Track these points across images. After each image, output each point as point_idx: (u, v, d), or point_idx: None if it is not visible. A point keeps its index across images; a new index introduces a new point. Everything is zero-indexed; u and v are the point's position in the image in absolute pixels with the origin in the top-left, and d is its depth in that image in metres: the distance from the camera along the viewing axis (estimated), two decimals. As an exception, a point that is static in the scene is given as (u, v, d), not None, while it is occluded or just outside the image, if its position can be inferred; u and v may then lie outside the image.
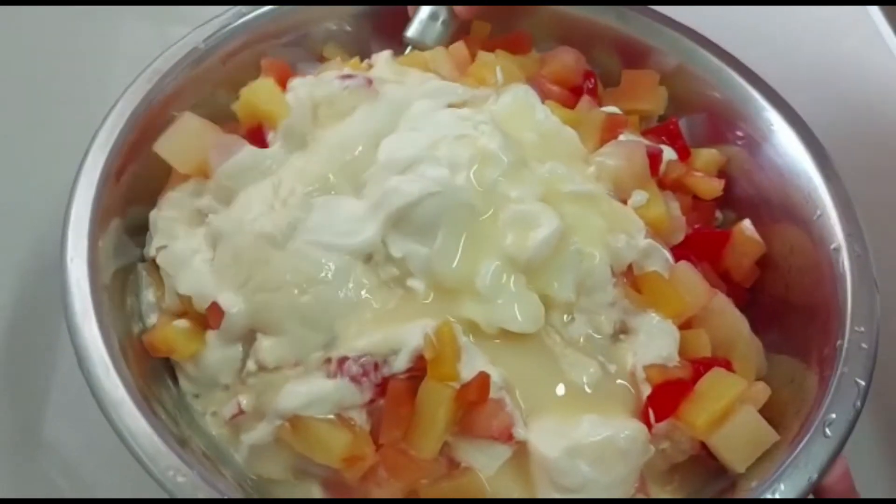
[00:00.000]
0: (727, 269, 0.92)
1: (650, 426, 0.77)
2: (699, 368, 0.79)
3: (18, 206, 1.00)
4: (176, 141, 0.86)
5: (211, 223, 0.83)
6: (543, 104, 0.92)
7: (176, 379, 0.84)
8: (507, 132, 0.85)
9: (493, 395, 0.74)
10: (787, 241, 0.91)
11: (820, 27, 1.27)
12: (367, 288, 0.78)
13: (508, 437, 0.75)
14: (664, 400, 0.77)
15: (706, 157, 0.98)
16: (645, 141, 0.94)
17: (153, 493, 0.70)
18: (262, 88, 0.88)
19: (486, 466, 0.75)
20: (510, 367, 0.77)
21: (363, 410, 0.75)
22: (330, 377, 0.75)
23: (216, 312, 0.80)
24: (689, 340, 0.82)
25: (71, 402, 0.89)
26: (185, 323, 0.82)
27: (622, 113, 0.96)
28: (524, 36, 1.03)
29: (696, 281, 0.85)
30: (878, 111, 1.19)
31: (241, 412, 0.79)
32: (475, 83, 0.93)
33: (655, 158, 0.91)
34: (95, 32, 1.17)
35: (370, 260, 0.79)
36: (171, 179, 0.88)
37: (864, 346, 0.78)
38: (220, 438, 0.82)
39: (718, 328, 0.85)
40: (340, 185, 0.82)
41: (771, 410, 0.78)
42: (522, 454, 0.76)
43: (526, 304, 0.78)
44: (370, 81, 0.88)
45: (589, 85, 1.00)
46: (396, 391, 0.74)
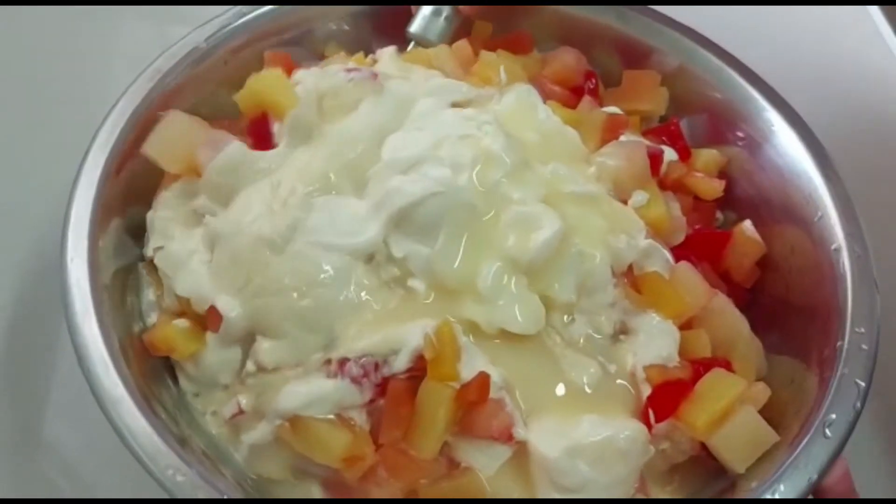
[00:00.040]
0: (727, 269, 0.92)
1: (650, 426, 0.77)
2: (699, 369, 0.79)
3: (18, 206, 1.00)
4: (163, 140, 0.84)
5: (208, 225, 0.83)
6: (545, 104, 0.92)
7: (176, 378, 0.84)
8: (510, 132, 0.85)
9: (492, 395, 0.74)
10: (787, 241, 0.91)
11: (820, 27, 1.27)
12: (367, 289, 0.78)
13: (508, 437, 0.75)
14: (664, 400, 0.77)
15: (707, 157, 0.98)
16: (646, 141, 0.94)
17: (153, 493, 0.70)
18: (270, 78, 0.87)
19: (485, 466, 0.75)
20: (510, 367, 0.77)
21: (363, 410, 0.75)
22: (330, 377, 0.75)
23: (215, 316, 0.79)
24: (689, 341, 0.82)
25: (71, 401, 0.89)
26: (184, 322, 0.82)
27: (623, 113, 0.96)
28: (525, 36, 1.02)
29: (696, 281, 0.85)
30: (878, 111, 1.19)
31: (240, 412, 0.79)
32: (479, 82, 0.93)
33: (656, 159, 0.91)
34: (95, 32, 1.17)
35: (371, 260, 0.79)
36: (164, 179, 0.87)
37: (864, 346, 0.78)
38: (219, 438, 0.82)
39: (718, 328, 0.85)
40: (342, 184, 0.81)
41: (771, 411, 0.78)
42: (522, 454, 0.76)
43: (526, 305, 0.78)
44: (375, 75, 0.88)
45: (590, 85, 1.00)
46: (396, 391, 0.74)
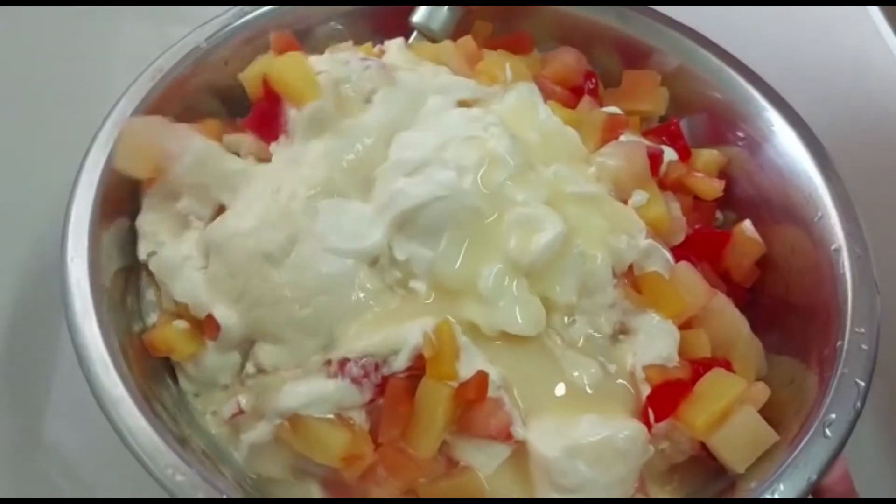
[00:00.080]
0: (727, 269, 0.92)
1: (650, 426, 0.77)
2: (699, 369, 0.79)
3: (18, 206, 1.00)
4: (127, 150, 0.82)
5: (204, 233, 0.81)
6: (545, 104, 0.92)
7: (176, 378, 0.84)
8: (514, 134, 0.85)
9: (491, 393, 0.74)
10: (787, 241, 0.91)
11: (820, 27, 1.27)
12: (370, 291, 0.78)
13: (507, 436, 0.75)
14: (664, 400, 0.77)
15: (707, 157, 0.98)
16: (645, 141, 0.94)
17: (153, 493, 0.70)
18: (291, 62, 0.85)
19: (484, 465, 0.75)
20: (509, 366, 0.77)
21: (362, 410, 0.75)
22: (330, 378, 0.75)
23: (213, 324, 0.79)
24: (688, 341, 0.82)
25: (71, 402, 0.89)
26: (184, 324, 0.82)
27: (623, 113, 0.96)
28: (525, 36, 1.02)
29: (696, 281, 0.85)
30: (878, 111, 1.19)
31: (240, 412, 0.79)
32: (486, 80, 0.93)
33: (656, 159, 0.91)
34: (95, 32, 1.17)
35: (376, 263, 0.79)
36: (143, 185, 0.85)
37: (864, 346, 0.78)
38: (219, 437, 0.82)
39: (718, 328, 0.85)
40: (346, 186, 0.81)
41: (771, 411, 0.78)
42: (522, 454, 0.76)
43: (527, 307, 0.78)
44: (386, 67, 0.88)
45: (590, 85, 1.00)
46: (395, 390, 0.74)
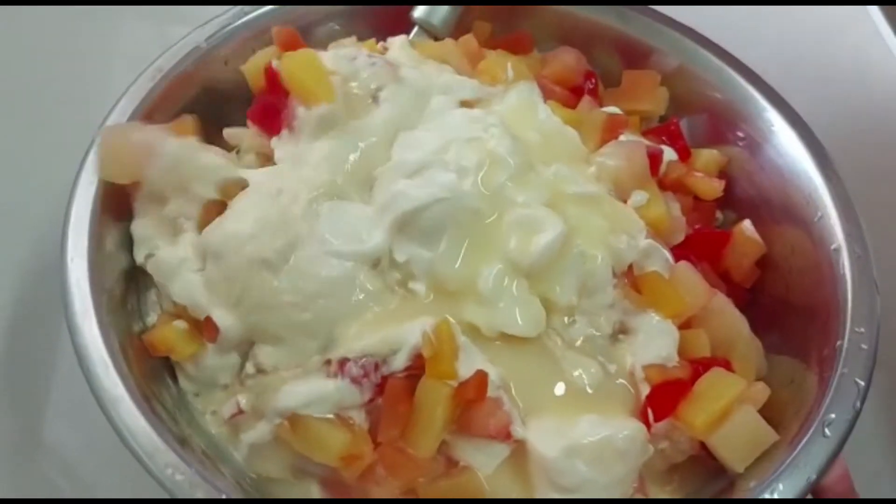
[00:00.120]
0: (727, 269, 0.92)
1: (649, 426, 0.77)
2: (698, 368, 0.79)
3: (18, 206, 1.00)
4: (107, 159, 0.81)
5: (201, 238, 0.81)
6: (545, 104, 0.93)
7: (176, 378, 0.84)
8: (515, 134, 0.85)
9: (490, 393, 0.74)
10: (787, 241, 0.91)
11: (820, 27, 1.27)
12: (370, 293, 0.78)
13: (506, 435, 0.75)
14: (663, 400, 0.77)
15: (707, 157, 0.98)
16: (645, 141, 0.94)
17: (153, 493, 0.70)
18: (307, 61, 0.84)
19: (484, 465, 0.75)
20: (509, 366, 0.77)
21: (362, 409, 0.75)
22: (330, 378, 0.75)
23: (211, 326, 0.79)
24: (688, 340, 0.82)
25: (71, 402, 0.89)
26: (183, 324, 0.82)
27: (623, 113, 0.96)
28: (525, 36, 1.03)
29: (695, 281, 0.85)
30: (878, 111, 1.19)
31: (240, 412, 0.79)
32: (488, 80, 0.93)
33: (655, 159, 0.91)
34: (95, 32, 1.17)
35: (377, 265, 0.79)
36: (131, 189, 0.84)
37: (863, 346, 0.78)
38: (219, 437, 0.82)
39: (718, 328, 0.85)
40: (348, 188, 0.81)
41: (771, 411, 0.78)
42: (521, 453, 0.76)
43: (527, 308, 0.78)
44: (392, 64, 0.87)
45: (590, 85, 1.00)
46: (395, 390, 0.74)
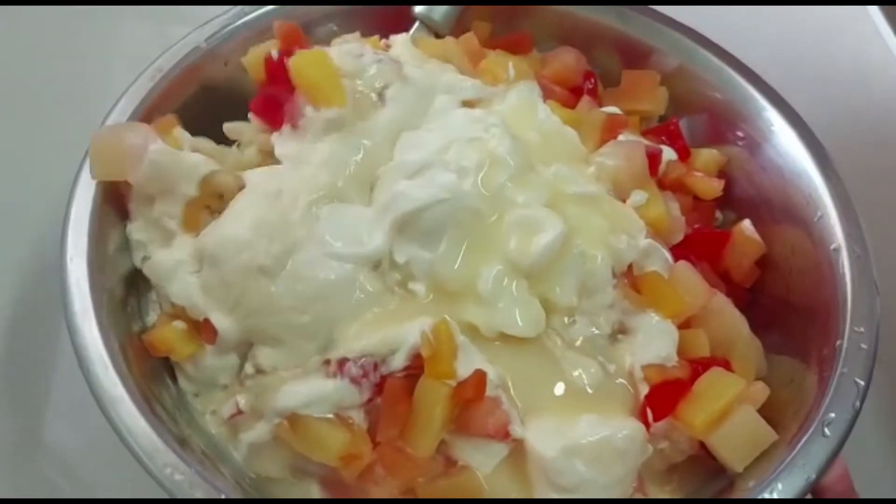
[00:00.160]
0: (727, 269, 0.92)
1: (648, 426, 0.77)
2: (698, 368, 0.79)
3: (18, 206, 1.00)
4: (96, 159, 0.81)
5: (197, 242, 0.80)
6: (544, 104, 0.93)
7: (176, 378, 0.84)
8: (516, 134, 0.85)
9: (489, 392, 0.74)
10: (787, 241, 0.91)
11: (820, 27, 1.27)
12: (370, 294, 0.78)
13: (505, 434, 0.75)
14: (662, 399, 0.77)
15: (706, 157, 0.98)
16: (644, 141, 0.94)
17: (153, 493, 0.70)
18: (320, 62, 0.84)
19: (483, 465, 0.75)
20: (508, 366, 0.77)
21: (361, 409, 0.75)
22: (329, 378, 0.75)
23: (210, 328, 0.79)
24: (687, 340, 0.82)
25: (71, 402, 0.89)
26: (182, 324, 0.81)
27: (622, 113, 0.96)
28: (525, 36, 1.03)
29: (695, 281, 0.85)
30: (878, 111, 1.19)
31: (239, 412, 0.79)
32: (490, 79, 0.93)
33: (655, 158, 0.91)
34: (95, 32, 1.18)
35: (378, 267, 0.79)
36: (124, 189, 0.84)
37: (863, 346, 0.78)
38: (219, 437, 0.82)
39: (718, 328, 0.85)
40: (349, 190, 0.81)
41: (770, 410, 0.78)
42: (520, 453, 0.76)
43: (527, 308, 0.78)
44: (397, 62, 0.87)
45: (589, 85, 1.00)
46: (393, 389, 0.74)
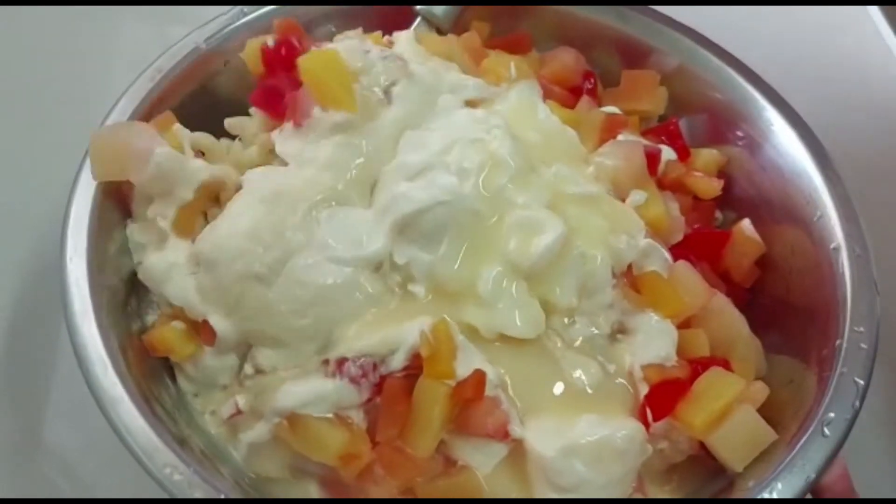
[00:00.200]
0: (727, 269, 0.92)
1: (648, 426, 0.77)
2: (697, 368, 0.79)
3: (18, 206, 1.01)
4: (97, 159, 0.80)
5: (193, 246, 0.80)
6: (544, 103, 0.92)
7: (175, 378, 0.84)
8: (517, 135, 0.85)
9: (488, 392, 0.74)
10: (787, 241, 0.91)
11: (820, 27, 1.27)
12: (371, 296, 0.78)
13: (504, 434, 0.74)
14: (662, 399, 0.77)
15: (706, 157, 0.98)
16: (644, 141, 0.94)
17: (153, 493, 0.70)
18: (332, 64, 0.83)
19: (482, 464, 0.75)
20: (507, 365, 0.77)
21: (360, 409, 0.75)
22: (328, 377, 0.75)
23: (208, 329, 0.79)
24: (687, 340, 0.82)
25: (71, 402, 0.89)
26: (182, 324, 0.81)
27: (622, 113, 0.96)
28: (524, 36, 1.03)
29: (695, 281, 0.85)
30: (878, 111, 1.19)
31: (238, 412, 0.79)
32: (493, 79, 0.93)
33: (654, 158, 0.91)
34: (95, 32, 1.18)
35: (379, 268, 0.79)
36: (127, 188, 0.84)
37: (863, 346, 0.78)
38: (218, 437, 0.82)
39: (718, 328, 0.85)
40: (351, 192, 0.81)
41: (770, 410, 0.78)
42: (519, 453, 0.76)
43: (526, 309, 0.78)
44: (403, 59, 0.87)
45: (588, 85, 1.00)
46: (393, 389, 0.74)
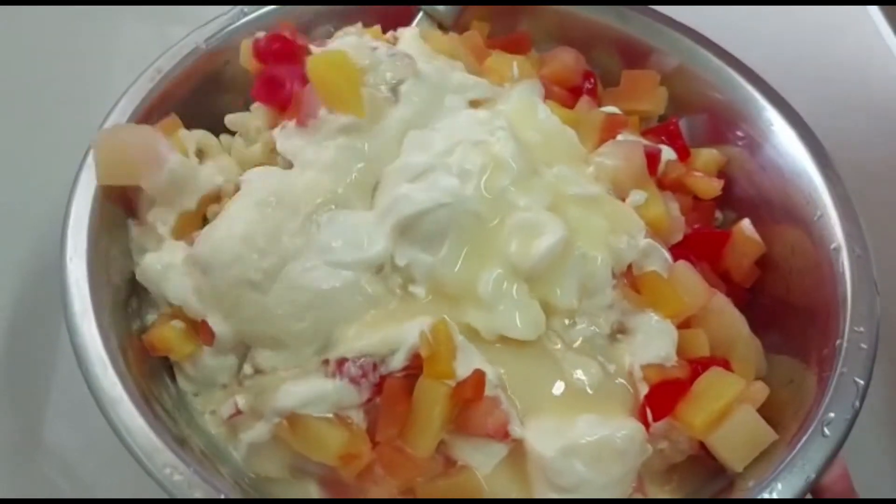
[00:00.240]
0: (727, 269, 0.92)
1: (648, 426, 0.77)
2: (697, 368, 0.79)
3: (18, 206, 1.01)
4: (101, 163, 0.80)
5: (191, 251, 0.80)
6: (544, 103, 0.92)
7: (175, 378, 0.84)
8: (520, 136, 0.84)
9: (488, 392, 0.74)
10: (787, 241, 0.90)
11: (820, 27, 1.27)
12: (371, 297, 0.78)
13: (504, 434, 0.74)
14: (662, 399, 0.77)
15: (706, 157, 0.98)
16: (643, 140, 0.94)
17: (153, 493, 0.70)
18: (339, 64, 0.82)
19: (482, 464, 0.75)
20: (507, 366, 0.77)
21: (360, 409, 0.75)
22: (328, 377, 0.75)
23: (207, 330, 0.79)
24: (687, 340, 0.82)
25: (71, 402, 0.89)
26: (181, 323, 0.81)
27: (621, 113, 0.96)
28: (524, 36, 1.03)
29: (695, 281, 0.85)
30: (878, 111, 1.19)
31: (238, 412, 0.79)
32: (497, 79, 0.93)
33: (653, 158, 0.91)
34: (95, 32, 1.18)
35: (381, 271, 0.79)
36: (132, 192, 0.84)
37: (863, 346, 0.78)
38: (218, 437, 0.82)
39: (718, 328, 0.85)
40: (352, 195, 0.80)
41: (770, 410, 0.78)
42: (519, 453, 0.76)
43: (526, 311, 0.78)
44: (411, 57, 0.87)
45: (588, 85, 1.00)
46: (393, 389, 0.74)
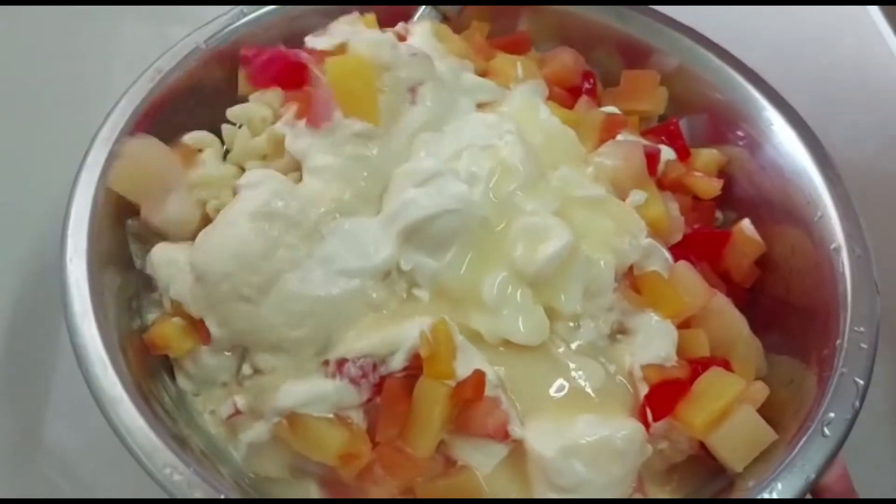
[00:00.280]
0: (727, 269, 0.92)
1: (648, 426, 0.77)
2: (697, 368, 0.79)
3: (18, 206, 1.00)
4: (122, 172, 0.81)
5: (189, 255, 0.80)
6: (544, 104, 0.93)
7: (175, 377, 0.84)
8: (527, 140, 0.85)
9: (488, 392, 0.74)
10: (787, 241, 0.90)
11: (820, 27, 1.27)
12: (375, 302, 0.78)
13: (504, 435, 0.75)
14: (662, 399, 0.77)
15: (706, 157, 0.98)
16: (643, 141, 0.94)
17: (153, 493, 0.70)
18: (359, 71, 0.82)
19: (482, 465, 0.75)
20: (507, 366, 0.77)
21: (360, 409, 0.75)
22: (328, 378, 0.75)
23: (205, 330, 0.79)
24: (687, 340, 0.82)
25: (71, 402, 0.89)
26: (181, 320, 0.81)
27: (621, 113, 0.96)
28: (523, 36, 1.03)
29: (695, 281, 0.85)
30: (878, 111, 1.19)
31: (237, 412, 0.79)
32: (502, 80, 0.93)
33: (653, 158, 0.91)
34: (95, 32, 1.18)
35: (387, 276, 0.79)
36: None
37: (863, 346, 0.78)
38: (218, 437, 0.82)
39: (718, 328, 0.85)
40: (356, 203, 0.80)
41: (770, 410, 0.78)
42: (519, 453, 0.76)
43: (530, 316, 0.78)
44: (429, 58, 0.86)
45: (588, 85, 1.00)
46: (393, 389, 0.74)
